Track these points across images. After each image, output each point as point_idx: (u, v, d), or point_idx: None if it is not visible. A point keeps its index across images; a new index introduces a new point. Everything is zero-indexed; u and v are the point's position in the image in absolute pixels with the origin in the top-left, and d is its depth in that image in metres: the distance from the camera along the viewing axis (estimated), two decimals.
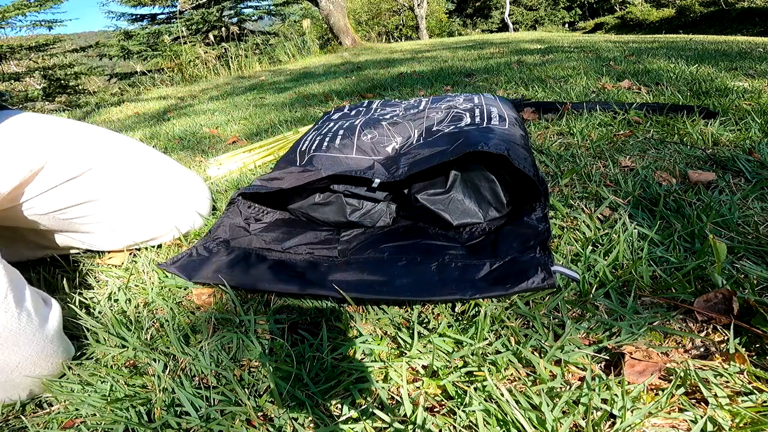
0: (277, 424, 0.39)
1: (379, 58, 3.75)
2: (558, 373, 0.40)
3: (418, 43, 5.71)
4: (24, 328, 0.43)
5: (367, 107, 1.00)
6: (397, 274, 0.51)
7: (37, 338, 0.45)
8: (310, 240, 0.63)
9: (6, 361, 0.43)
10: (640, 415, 0.35)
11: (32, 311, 0.45)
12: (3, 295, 0.42)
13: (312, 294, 0.51)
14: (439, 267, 0.52)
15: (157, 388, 0.44)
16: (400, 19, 15.70)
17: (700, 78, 1.37)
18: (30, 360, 0.44)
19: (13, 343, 0.42)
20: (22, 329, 0.43)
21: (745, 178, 0.69)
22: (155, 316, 0.56)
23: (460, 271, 0.50)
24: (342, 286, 0.49)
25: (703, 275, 0.49)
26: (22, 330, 0.43)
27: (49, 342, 0.46)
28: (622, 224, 0.58)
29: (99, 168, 0.62)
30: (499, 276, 0.48)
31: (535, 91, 1.46)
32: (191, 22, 7.12)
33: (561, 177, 0.75)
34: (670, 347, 0.42)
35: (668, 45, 2.56)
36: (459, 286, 0.47)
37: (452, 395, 0.40)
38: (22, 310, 0.43)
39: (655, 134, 0.91)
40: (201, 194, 0.76)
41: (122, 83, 6.67)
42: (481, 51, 3.18)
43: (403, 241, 0.59)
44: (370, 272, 0.52)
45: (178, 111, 2.43)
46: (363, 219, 0.66)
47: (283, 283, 0.52)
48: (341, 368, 0.44)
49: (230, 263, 0.57)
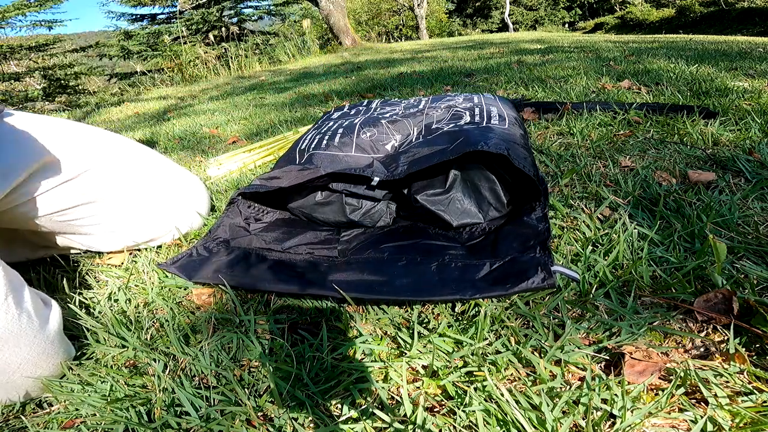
0: (277, 424, 0.39)
1: (379, 58, 3.75)
2: (558, 373, 0.40)
3: (418, 43, 5.71)
4: (25, 330, 0.43)
5: (367, 106, 1.00)
6: (397, 274, 0.51)
7: (38, 339, 0.45)
8: (310, 240, 0.63)
9: (7, 362, 0.43)
10: (640, 415, 0.35)
11: (32, 312, 0.45)
12: (3, 297, 0.42)
13: (312, 294, 0.51)
14: (439, 267, 0.52)
15: (157, 388, 0.44)
16: (400, 19, 15.70)
17: (700, 78, 1.37)
18: (31, 361, 0.44)
19: (14, 344, 0.43)
20: (23, 330, 0.43)
21: (745, 178, 0.69)
22: (155, 316, 0.56)
23: (460, 271, 0.50)
24: (342, 286, 0.49)
25: (703, 275, 0.49)
26: (23, 331, 0.43)
27: (50, 343, 0.46)
28: (622, 224, 0.58)
29: (96, 169, 0.62)
30: (499, 276, 0.48)
31: (535, 91, 1.46)
32: (191, 22, 7.12)
33: (561, 177, 0.75)
34: (670, 347, 0.42)
35: (668, 45, 2.56)
36: (459, 286, 0.47)
37: (452, 395, 0.40)
38: (22, 312, 0.43)
39: (655, 134, 0.91)
40: (199, 194, 0.76)
41: (122, 83, 6.67)
42: (481, 51, 3.18)
43: (403, 241, 0.59)
44: (370, 272, 0.52)
45: (178, 111, 2.44)
46: (363, 219, 0.66)
47: (283, 283, 0.52)
48: (341, 368, 0.44)
49: (230, 263, 0.57)
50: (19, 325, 0.43)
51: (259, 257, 0.59)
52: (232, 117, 1.90)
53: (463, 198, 0.62)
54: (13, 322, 0.42)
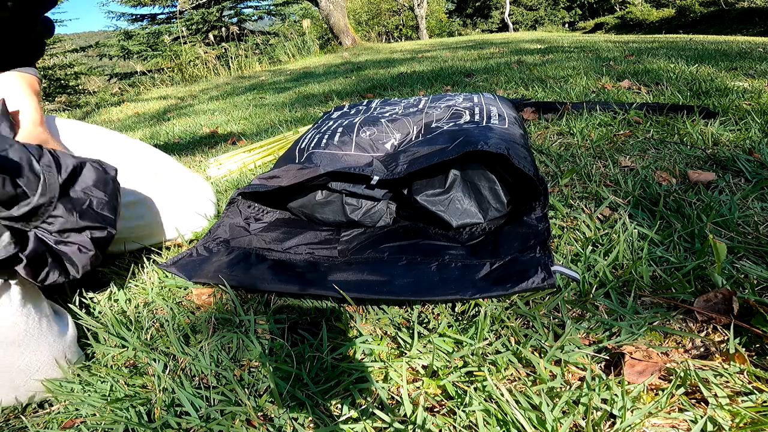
0: (277, 424, 0.39)
1: (379, 58, 3.75)
2: (558, 373, 0.40)
3: (418, 43, 5.71)
4: (45, 334, 0.46)
5: (367, 106, 1.00)
6: (398, 274, 0.51)
7: (58, 344, 0.47)
8: (310, 240, 0.63)
9: (28, 365, 0.44)
10: (640, 415, 0.35)
11: (52, 319, 0.48)
12: (22, 304, 0.44)
13: (312, 294, 0.51)
14: (440, 267, 0.52)
15: (157, 388, 0.44)
16: (400, 19, 15.70)
17: (700, 78, 1.37)
18: (50, 364, 0.46)
19: (35, 348, 0.45)
20: (43, 335, 0.45)
21: (745, 178, 0.69)
22: (155, 316, 0.56)
23: (460, 271, 0.50)
24: (342, 286, 0.49)
25: (703, 275, 0.49)
26: (43, 335, 0.45)
27: (68, 347, 0.48)
28: (622, 224, 0.58)
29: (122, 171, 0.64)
30: (499, 276, 0.48)
31: (535, 91, 1.46)
32: (191, 22, 7.12)
33: (561, 177, 0.75)
34: (670, 347, 0.42)
35: (668, 45, 2.56)
36: (459, 286, 0.47)
37: (452, 395, 0.40)
38: (42, 317, 0.46)
39: (655, 134, 0.91)
40: (205, 196, 0.77)
41: (122, 83, 6.67)
42: (481, 51, 3.18)
43: (403, 241, 0.59)
44: (370, 272, 0.52)
45: (178, 111, 2.44)
46: (363, 218, 0.66)
47: (283, 283, 0.52)
48: (341, 368, 0.44)
49: (230, 263, 0.57)
50: (39, 329, 0.45)
51: (259, 257, 0.59)
52: (232, 117, 1.90)
53: (463, 198, 0.62)
54: (34, 327, 0.45)
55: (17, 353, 0.44)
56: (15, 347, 0.43)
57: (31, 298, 0.46)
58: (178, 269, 0.56)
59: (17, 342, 0.43)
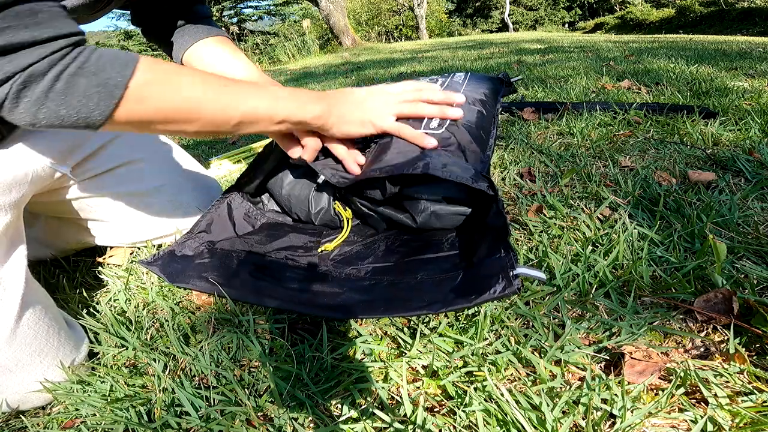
0: (277, 424, 0.39)
1: (379, 58, 3.75)
2: (558, 373, 0.40)
3: (418, 43, 5.72)
4: (63, 344, 0.47)
5: None
6: (377, 294, 0.49)
7: (74, 354, 0.49)
8: (293, 243, 0.62)
9: (44, 374, 0.46)
10: (640, 415, 0.35)
11: (67, 329, 0.49)
12: (43, 313, 0.46)
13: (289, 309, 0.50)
14: (416, 283, 0.50)
15: (157, 388, 0.44)
16: (400, 19, 15.71)
17: (700, 78, 1.37)
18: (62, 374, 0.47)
19: (53, 358, 0.46)
20: (62, 345, 0.47)
21: (745, 178, 0.69)
22: (155, 316, 0.56)
23: (437, 284, 0.49)
24: (320, 302, 0.48)
25: (703, 275, 0.49)
26: (62, 345, 0.47)
27: (83, 358, 0.50)
28: (622, 224, 0.58)
29: (145, 161, 0.67)
30: (466, 286, 0.45)
31: (535, 91, 1.46)
32: None
33: (561, 177, 0.75)
34: (670, 347, 0.42)
35: (668, 45, 2.56)
36: (432, 298, 0.45)
37: (452, 395, 0.40)
38: (60, 329, 0.48)
39: (655, 134, 0.91)
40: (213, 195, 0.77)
41: None
42: (481, 51, 3.18)
43: (383, 258, 0.57)
44: (349, 290, 0.51)
45: None
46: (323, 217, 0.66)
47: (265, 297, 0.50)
48: (341, 368, 0.44)
49: (213, 266, 0.55)
50: (59, 339, 0.47)
51: (242, 262, 0.57)
52: None
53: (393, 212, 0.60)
54: (53, 336, 0.47)
55: (37, 361, 0.46)
56: (36, 356, 0.45)
57: (46, 307, 0.47)
58: (161, 270, 0.54)
59: (38, 351, 0.45)
